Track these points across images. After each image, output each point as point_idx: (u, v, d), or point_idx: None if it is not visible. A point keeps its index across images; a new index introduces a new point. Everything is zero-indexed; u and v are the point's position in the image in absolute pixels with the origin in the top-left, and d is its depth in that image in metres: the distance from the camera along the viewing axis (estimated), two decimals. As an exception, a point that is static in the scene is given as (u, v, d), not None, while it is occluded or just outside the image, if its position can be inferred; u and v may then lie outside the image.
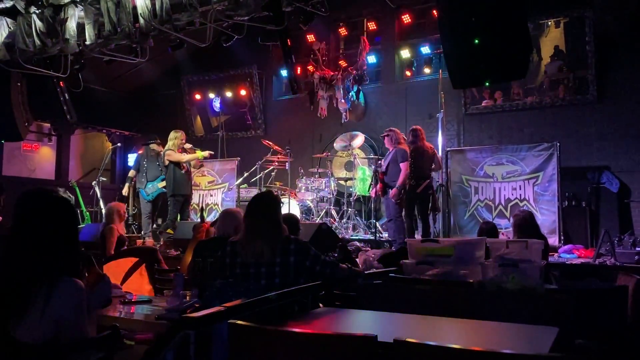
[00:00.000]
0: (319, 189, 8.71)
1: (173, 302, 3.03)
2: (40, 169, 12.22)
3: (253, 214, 3.13)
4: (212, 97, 12.00)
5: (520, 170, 7.99)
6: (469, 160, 8.40)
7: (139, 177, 8.86)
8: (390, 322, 2.45)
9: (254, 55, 10.85)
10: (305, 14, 6.20)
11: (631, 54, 8.29)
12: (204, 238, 4.18)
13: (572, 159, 8.36)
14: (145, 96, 12.63)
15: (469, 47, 4.73)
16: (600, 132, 8.47)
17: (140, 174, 8.85)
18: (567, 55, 8.77)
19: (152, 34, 6.28)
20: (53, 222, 1.95)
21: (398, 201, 7.17)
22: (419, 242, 3.98)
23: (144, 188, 8.71)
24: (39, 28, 6.66)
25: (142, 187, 8.73)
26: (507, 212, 8.01)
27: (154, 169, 8.73)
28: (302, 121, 10.66)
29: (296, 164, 9.34)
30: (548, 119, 8.87)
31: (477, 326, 2.32)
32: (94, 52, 6.88)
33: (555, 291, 3.23)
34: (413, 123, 9.74)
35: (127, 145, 13.11)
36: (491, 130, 9.33)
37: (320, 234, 5.91)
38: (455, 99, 9.33)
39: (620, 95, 8.36)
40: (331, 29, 10.88)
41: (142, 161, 8.95)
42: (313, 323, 2.35)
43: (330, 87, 9.44)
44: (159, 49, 7.59)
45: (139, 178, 8.85)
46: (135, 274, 4.66)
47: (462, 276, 3.44)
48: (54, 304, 1.82)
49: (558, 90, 8.85)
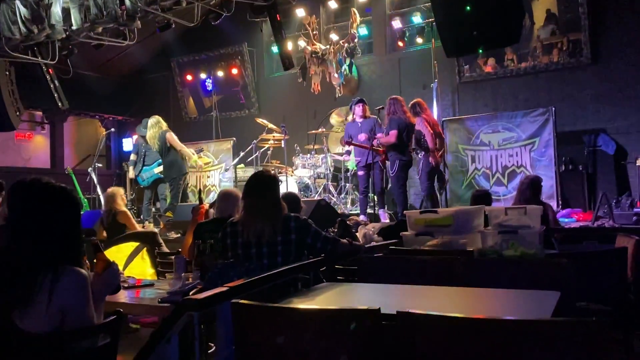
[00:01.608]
0: (316, 166, 8.69)
1: (175, 284, 3.04)
2: (35, 158, 12.17)
3: (252, 193, 3.12)
4: (203, 77, 11.88)
5: (517, 136, 7.97)
6: (465, 129, 8.37)
7: (138, 162, 8.67)
8: (393, 294, 2.46)
9: (244, 33, 10.72)
10: (293, -13, 6.10)
11: (624, 15, 8.21)
12: (203, 220, 4.17)
13: (568, 123, 8.35)
14: (136, 80, 12.52)
15: (461, 14, 4.69)
16: (595, 94, 8.44)
17: (138, 159, 8.65)
18: (559, 19, 8.68)
19: (139, 15, 6.19)
20: (50, 212, 1.94)
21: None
22: (418, 214, 3.99)
23: (138, 174, 8.59)
24: (24, 15, 6.55)
25: (137, 173, 8.61)
26: (505, 179, 8.02)
27: (152, 153, 8.59)
28: (295, 98, 10.58)
29: (292, 141, 9.30)
30: (542, 84, 8.83)
31: (479, 294, 2.34)
32: (81, 37, 6.80)
33: (555, 255, 3.26)
34: (408, 94, 9.67)
35: (121, 130, 13.04)
36: (486, 98, 9.29)
37: (319, 210, 5.92)
38: (449, 68, 9.26)
39: (614, 57, 8.31)
40: (321, 2, 10.73)
41: (140, 145, 8.72)
42: (316, 299, 2.37)
43: (322, 62, 9.34)
44: (147, 31, 7.50)
45: (137, 164, 8.67)
46: (137, 259, 4.68)
47: (462, 245, 3.46)
48: (59, 294, 1.82)
49: (552, 54, 8.78)
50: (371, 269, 3.14)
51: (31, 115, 11.94)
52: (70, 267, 1.89)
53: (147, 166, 8.56)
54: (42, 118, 12.13)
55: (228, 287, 2.13)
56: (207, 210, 4.41)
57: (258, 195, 3.09)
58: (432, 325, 1.69)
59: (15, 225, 1.93)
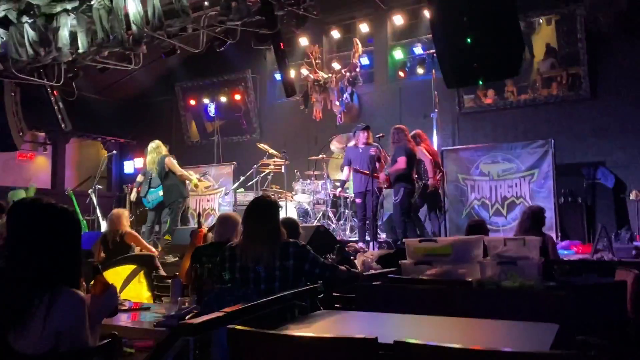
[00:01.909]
0: (316, 191, 8.71)
1: (171, 308, 3.02)
2: (36, 179, 12.16)
3: (252, 218, 3.12)
4: (206, 102, 11.99)
5: (516, 167, 8.01)
6: (465, 159, 8.41)
7: (144, 184, 8.61)
8: (391, 323, 2.45)
9: (248, 60, 10.86)
10: (297, 17, 6.20)
11: (622, 50, 8.33)
12: (201, 244, 4.16)
13: (567, 156, 8.39)
14: (139, 103, 12.63)
15: (461, 46, 4.75)
16: (594, 127, 8.50)
17: (145, 181, 8.60)
18: (559, 53, 8.81)
19: (145, 40, 6.28)
20: (49, 233, 1.93)
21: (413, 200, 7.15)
22: (417, 242, 3.98)
23: (144, 196, 8.53)
24: (32, 37, 6.64)
25: (143, 195, 8.54)
26: (504, 210, 8.03)
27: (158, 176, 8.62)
28: (297, 124, 10.66)
29: (292, 166, 9.33)
30: (542, 116, 8.90)
31: (478, 325, 2.32)
32: (87, 60, 6.88)
33: (554, 288, 3.24)
34: (408, 123, 9.73)
35: (123, 152, 13.09)
36: (486, 128, 9.35)
37: (318, 236, 5.91)
38: (449, 98, 9.35)
39: (613, 91, 8.40)
40: (324, 32, 10.90)
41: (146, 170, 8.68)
42: (313, 326, 2.35)
43: (324, 90, 9.43)
44: (152, 55, 7.59)
45: (143, 185, 8.61)
46: (134, 281, 4.65)
47: (460, 275, 3.44)
48: (55, 316, 1.81)
49: (551, 87, 8.88)
50: (369, 297, 3.13)
51: (34, 136, 11.99)
52: (68, 288, 1.88)
53: (152, 188, 8.53)
54: (44, 139, 12.19)
55: (224, 313, 2.12)
56: (206, 234, 4.41)
57: (258, 220, 3.09)
58: (430, 355, 1.68)
59: (14, 245, 1.93)
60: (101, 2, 6.11)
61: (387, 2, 9.86)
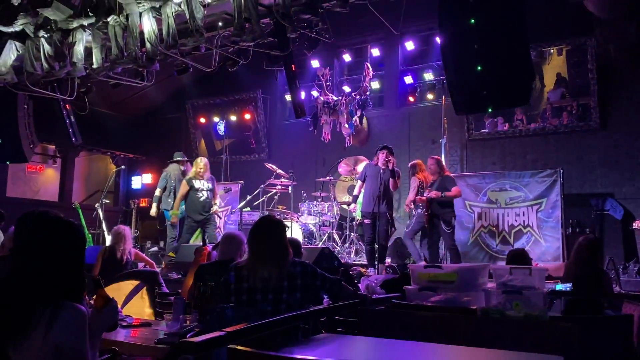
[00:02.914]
0: (322, 213, 8.70)
1: (173, 326, 3.00)
2: (44, 191, 12.26)
3: (259, 238, 3.11)
4: (216, 120, 12.08)
5: (524, 196, 7.97)
6: (472, 185, 8.39)
7: (165, 197, 8.53)
8: (392, 349, 2.42)
9: (259, 80, 10.96)
10: (309, 40, 6.29)
11: (633, 82, 8.35)
12: (205, 262, 4.15)
13: (576, 186, 8.35)
14: (150, 119, 12.75)
15: (472, 73, 4.78)
16: (603, 159, 8.47)
17: (167, 194, 8.52)
18: (569, 83, 8.83)
19: (158, 58, 6.37)
20: (56, 246, 1.93)
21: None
22: (422, 268, 3.95)
23: (169, 209, 8.41)
24: (47, 52, 6.76)
25: (169, 208, 8.42)
26: (511, 238, 7.97)
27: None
28: (305, 145, 10.70)
29: (299, 187, 9.34)
30: (551, 145, 8.89)
31: (481, 354, 2.29)
32: (100, 76, 6.97)
33: (560, 319, 3.19)
34: (416, 148, 9.79)
35: (132, 167, 13.18)
36: (494, 156, 9.35)
37: (322, 258, 5.89)
38: (459, 124, 9.37)
39: (623, 123, 8.39)
40: (335, 55, 11.01)
41: (169, 180, 8.62)
42: (314, 350, 2.32)
43: (333, 112, 9.49)
44: (164, 73, 7.69)
45: (165, 198, 8.52)
46: (136, 297, 4.63)
47: (465, 303, 3.40)
48: (56, 330, 1.80)
49: (561, 117, 8.89)
50: (372, 321, 3.09)
51: (44, 149, 12.11)
52: (70, 303, 1.87)
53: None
54: (54, 152, 12.30)
55: (225, 332, 2.10)
56: (210, 253, 4.40)
57: (266, 240, 3.08)
58: (431, 383, 1.65)
59: (18, 257, 1.93)
60: (117, 19, 6.22)
61: (399, 28, 9.96)
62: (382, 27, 9.83)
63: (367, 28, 10.56)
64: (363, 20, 10.17)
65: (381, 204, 6.98)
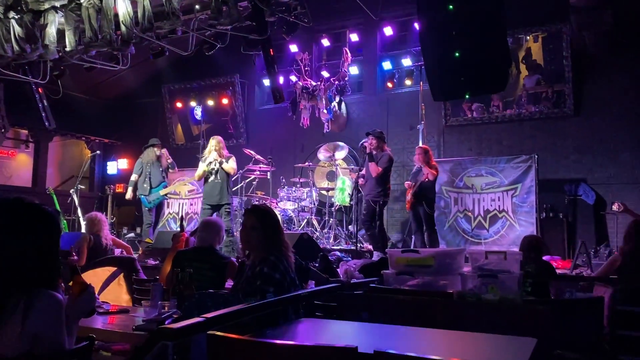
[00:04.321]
0: (301, 199, 8.70)
1: (151, 312, 2.99)
2: (17, 176, 12.01)
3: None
4: (193, 105, 11.93)
5: (499, 181, 8.09)
6: (449, 171, 8.48)
7: (141, 182, 8.45)
8: (371, 333, 2.45)
9: (237, 64, 10.85)
10: (288, 24, 6.23)
11: (607, 69, 8.48)
12: (183, 248, 4.13)
13: (550, 171, 8.50)
14: (125, 104, 12.53)
15: (450, 60, 4.81)
16: (577, 145, 8.63)
17: (143, 180, 8.45)
18: (544, 70, 8.94)
19: (133, 41, 6.25)
20: (27, 233, 1.90)
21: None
22: (399, 253, 3.99)
23: (146, 195, 8.37)
24: (18, 33, 6.58)
25: (145, 193, 8.38)
26: (487, 223, 8.09)
27: (158, 174, 8.45)
28: (284, 131, 10.66)
29: (278, 173, 9.33)
30: (526, 131, 9.01)
31: (457, 337, 2.33)
32: (74, 59, 6.82)
33: (533, 302, 3.27)
34: (394, 134, 9.84)
35: (107, 153, 12.97)
36: (471, 142, 9.44)
37: (301, 243, 5.90)
38: (436, 110, 9.43)
39: (596, 110, 8.54)
40: (314, 40, 10.94)
41: (144, 166, 8.54)
42: (294, 334, 2.34)
43: (312, 97, 9.45)
44: (140, 56, 7.55)
45: (141, 184, 8.45)
46: (113, 284, 4.60)
47: (442, 286, 3.46)
48: (32, 319, 1.77)
49: (536, 103, 9.00)
50: (351, 306, 3.12)
51: (16, 133, 11.84)
52: (46, 290, 1.85)
53: (153, 188, 8.41)
54: (27, 136, 12.03)
55: (205, 318, 2.10)
56: (188, 239, 4.38)
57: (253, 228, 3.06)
58: (409, 366, 1.68)
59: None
60: (90, 1, 6.07)
61: (378, 13, 9.94)
62: (361, 12, 9.80)
63: (346, 13, 10.51)
64: (342, 4, 10.13)
65: (363, 189, 7.07)
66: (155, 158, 8.53)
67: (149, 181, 8.40)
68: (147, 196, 8.38)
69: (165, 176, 8.55)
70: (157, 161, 8.49)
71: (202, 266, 3.68)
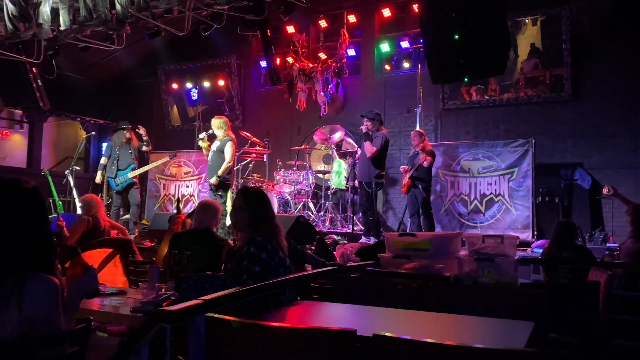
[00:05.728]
0: (297, 182, 8.69)
1: (148, 294, 2.99)
2: (11, 157, 11.92)
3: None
4: (189, 86, 11.84)
5: (496, 165, 8.09)
6: (446, 155, 8.47)
7: (109, 165, 8.45)
8: (369, 316, 2.46)
9: (233, 45, 10.74)
10: (285, 4, 6.15)
11: (605, 54, 8.44)
12: (180, 230, 4.13)
13: (546, 156, 8.50)
14: (120, 84, 12.41)
15: (449, 42, 4.76)
16: (574, 129, 8.62)
17: (111, 162, 8.44)
18: (543, 53, 8.89)
19: (128, 21, 6.17)
20: (19, 214, 1.84)
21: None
22: (396, 236, 4.00)
23: (113, 178, 8.38)
24: (11, 12, 6.47)
25: (112, 176, 8.39)
26: (482, 207, 8.11)
27: (127, 156, 8.44)
28: (280, 113, 10.60)
29: (274, 156, 9.30)
30: (524, 115, 8.99)
31: (454, 320, 2.34)
32: (68, 38, 6.73)
33: (530, 286, 3.29)
34: (392, 117, 9.80)
35: (102, 133, 12.86)
36: (468, 125, 9.42)
37: (297, 226, 5.92)
38: (434, 93, 9.39)
39: (593, 94, 8.52)
40: (311, 21, 10.81)
41: (113, 148, 8.53)
42: (291, 317, 2.35)
43: (309, 79, 9.40)
44: (135, 36, 7.46)
45: (109, 166, 8.44)
46: (109, 265, 4.59)
47: (438, 270, 3.47)
48: (27, 302, 1.75)
49: (534, 87, 8.96)
50: (348, 288, 3.13)
51: (10, 114, 11.72)
52: (39, 274, 1.81)
53: (120, 170, 8.39)
54: (21, 117, 11.92)
55: (203, 300, 2.10)
56: (185, 220, 4.37)
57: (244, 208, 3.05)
58: (407, 349, 1.69)
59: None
60: (85, -21, 5.97)
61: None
62: (359, -7, 9.70)
63: (344, -7, 10.41)
64: (340, -15, 10.02)
65: (359, 173, 7.06)
66: (125, 140, 8.50)
67: (116, 163, 8.38)
68: (114, 179, 8.37)
69: (135, 158, 8.50)
70: (127, 143, 8.48)
71: (199, 248, 3.68)
